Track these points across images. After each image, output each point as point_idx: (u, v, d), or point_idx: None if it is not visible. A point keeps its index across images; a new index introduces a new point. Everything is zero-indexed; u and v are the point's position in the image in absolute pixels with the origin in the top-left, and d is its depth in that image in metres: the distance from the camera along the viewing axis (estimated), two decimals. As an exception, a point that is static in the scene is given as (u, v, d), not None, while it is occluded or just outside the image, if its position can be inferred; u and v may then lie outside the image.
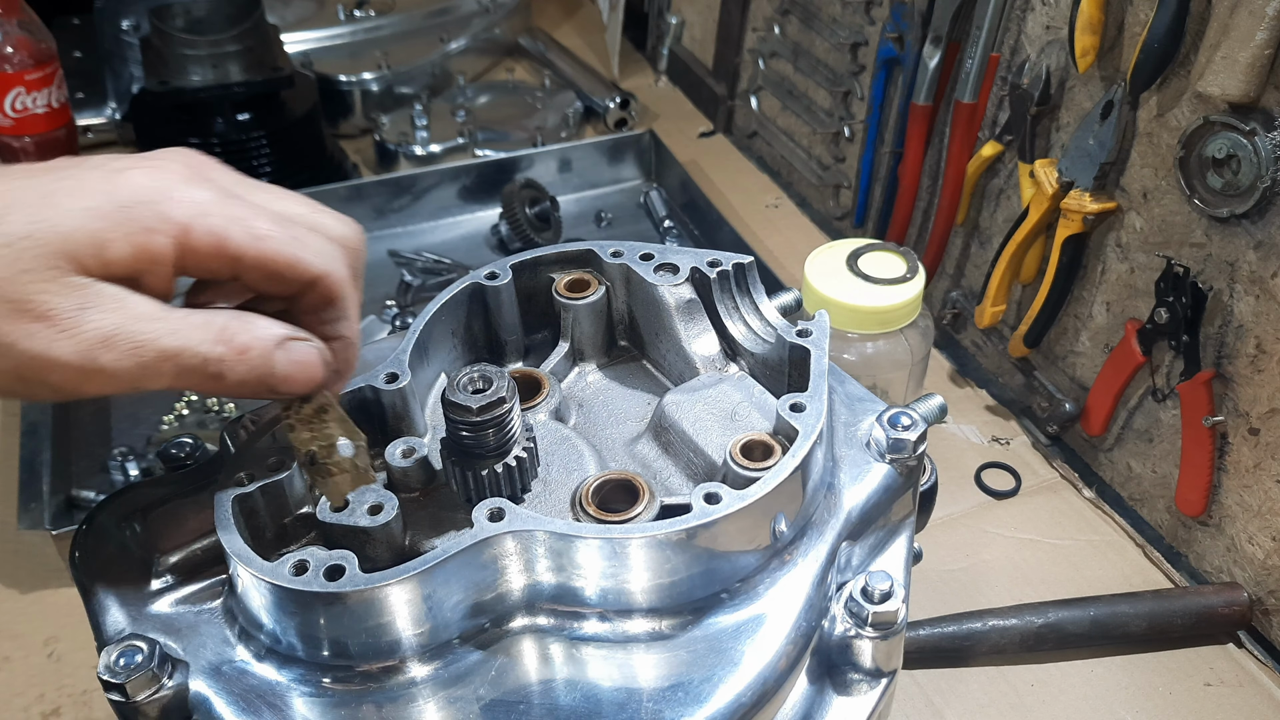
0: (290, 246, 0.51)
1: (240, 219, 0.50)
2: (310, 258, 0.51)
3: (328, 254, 0.53)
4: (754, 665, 0.54)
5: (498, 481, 0.57)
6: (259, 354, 0.50)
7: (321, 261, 0.52)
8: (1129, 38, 0.95)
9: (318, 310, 0.54)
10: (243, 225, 0.50)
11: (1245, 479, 0.92)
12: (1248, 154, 0.85)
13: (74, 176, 0.48)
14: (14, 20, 1.31)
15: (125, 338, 0.47)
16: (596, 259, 0.69)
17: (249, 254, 0.50)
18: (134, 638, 0.52)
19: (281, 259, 0.51)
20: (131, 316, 0.47)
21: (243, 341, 0.49)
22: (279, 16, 1.61)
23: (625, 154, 1.58)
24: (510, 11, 1.83)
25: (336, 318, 0.54)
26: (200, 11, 1.44)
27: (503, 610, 0.55)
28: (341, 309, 0.54)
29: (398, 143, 1.55)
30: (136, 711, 0.52)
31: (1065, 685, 0.90)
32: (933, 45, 1.17)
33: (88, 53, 1.63)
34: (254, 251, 0.50)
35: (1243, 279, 0.89)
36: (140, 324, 0.47)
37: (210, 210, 0.49)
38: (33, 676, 0.91)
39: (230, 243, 0.49)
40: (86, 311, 0.46)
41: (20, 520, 0.97)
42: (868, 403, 0.67)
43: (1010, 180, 1.13)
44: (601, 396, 0.69)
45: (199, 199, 0.49)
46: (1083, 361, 1.09)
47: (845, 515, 0.61)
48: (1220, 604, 0.92)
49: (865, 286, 0.97)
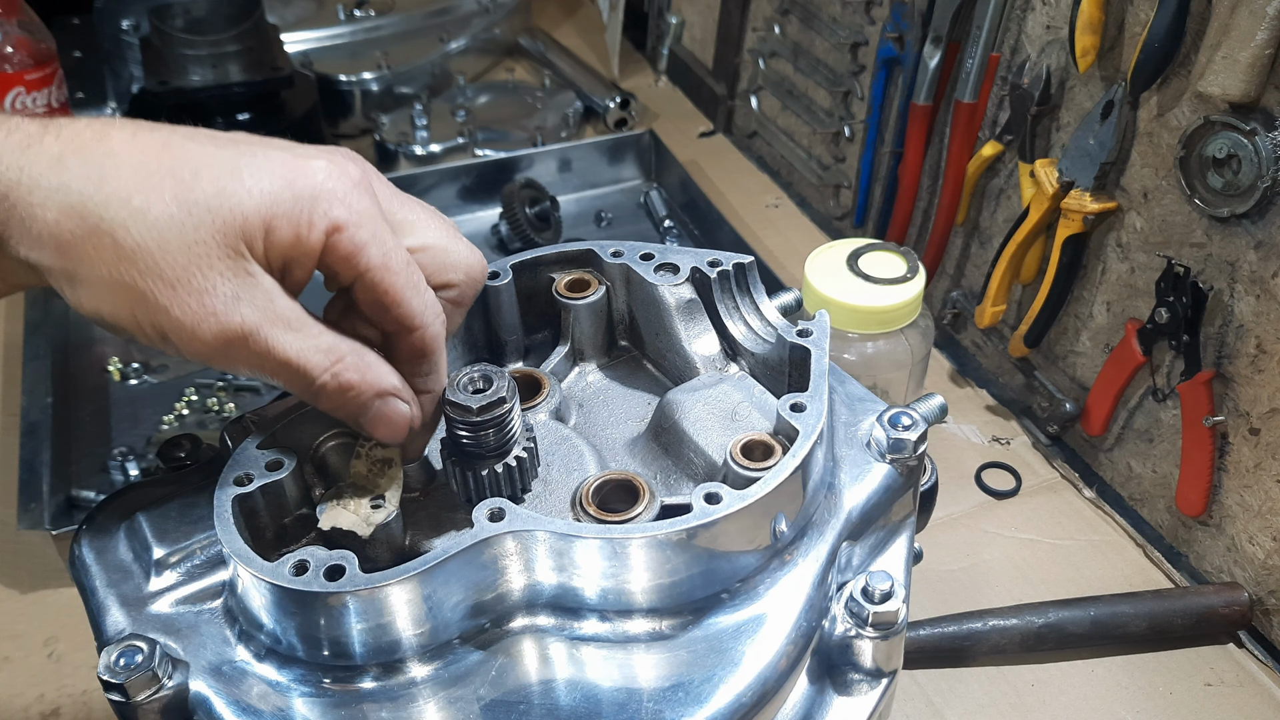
0: (406, 290, 0.52)
1: (382, 242, 0.52)
2: (417, 307, 0.53)
3: (434, 311, 0.54)
4: (754, 665, 0.54)
5: (498, 481, 0.57)
6: (357, 397, 0.52)
7: (424, 315, 0.54)
8: (1129, 37, 0.95)
9: (410, 359, 0.55)
10: (381, 249, 0.51)
11: (1246, 479, 0.92)
12: (1248, 154, 0.85)
13: (262, 154, 0.50)
14: (14, 20, 1.31)
15: (261, 339, 0.49)
16: (596, 259, 0.69)
17: (371, 276, 0.51)
18: (134, 638, 0.52)
19: (393, 295, 0.52)
20: (273, 318, 0.49)
21: (350, 380, 0.52)
22: (279, 16, 1.61)
23: (625, 154, 1.58)
24: (510, 11, 1.83)
25: (428, 371, 0.56)
26: (200, 11, 1.44)
27: (503, 610, 0.55)
28: (432, 364, 0.55)
29: (398, 143, 1.55)
30: (136, 711, 0.52)
31: (1065, 685, 0.90)
32: (933, 45, 1.17)
33: (88, 53, 1.63)
34: (376, 276, 0.52)
35: (1243, 279, 0.89)
36: (277, 330, 0.50)
37: (365, 222, 0.51)
38: (33, 676, 0.91)
39: (362, 259, 0.51)
40: (239, 302, 0.49)
41: (20, 520, 0.97)
42: (868, 403, 0.67)
43: (1010, 180, 1.13)
44: (602, 396, 0.69)
45: (361, 207, 0.51)
46: (1083, 361, 1.09)
47: (846, 515, 0.61)
48: (1220, 604, 0.92)
49: (865, 286, 0.97)
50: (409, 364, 0.55)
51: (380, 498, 0.54)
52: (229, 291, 0.48)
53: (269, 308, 0.50)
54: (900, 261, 0.99)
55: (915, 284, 0.97)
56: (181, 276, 0.47)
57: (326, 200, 0.50)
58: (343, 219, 0.50)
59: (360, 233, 0.51)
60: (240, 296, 0.49)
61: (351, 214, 0.51)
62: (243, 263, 0.49)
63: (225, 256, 0.48)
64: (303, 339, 0.50)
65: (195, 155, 0.49)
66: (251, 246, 0.49)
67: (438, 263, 0.56)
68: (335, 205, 0.50)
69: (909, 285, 0.97)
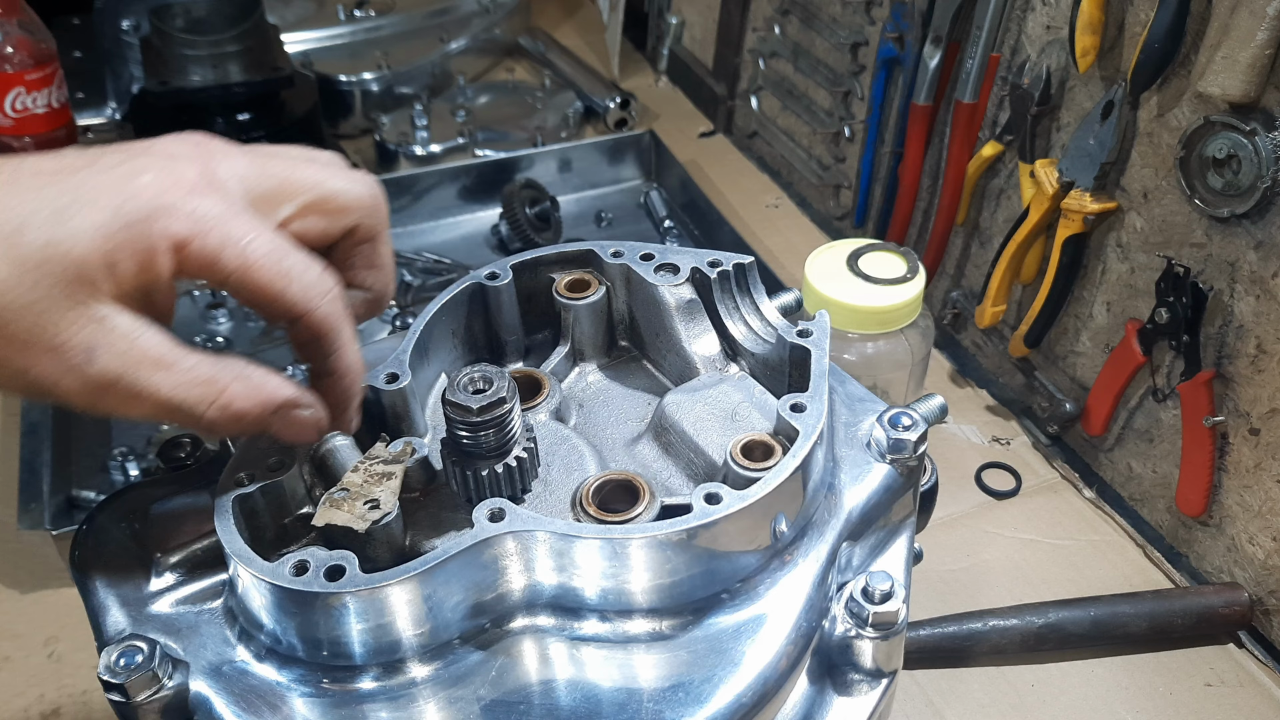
0: (277, 283, 0.50)
1: (237, 240, 0.49)
2: (295, 295, 0.50)
3: (315, 290, 0.51)
4: (754, 665, 0.54)
5: (498, 481, 0.57)
6: (253, 420, 0.51)
7: (306, 299, 0.51)
8: (1129, 38, 0.95)
9: (306, 344, 0.53)
10: (238, 250, 0.49)
11: (1246, 479, 0.92)
12: (1248, 154, 0.85)
13: (87, 182, 0.47)
14: (14, 20, 1.31)
15: (127, 385, 0.47)
16: (597, 259, 0.69)
17: (234, 279, 0.49)
18: (134, 638, 0.52)
19: (266, 292, 0.50)
20: (137, 362, 0.47)
21: (239, 408, 0.50)
22: (279, 16, 1.61)
23: (625, 154, 1.58)
24: (510, 11, 1.83)
25: (325, 353, 0.53)
26: (200, 11, 1.44)
27: (503, 610, 0.55)
28: (329, 344, 0.53)
29: (398, 143, 1.55)
30: (136, 711, 0.52)
31: (1066, 685, 0.90)
32: (933, 45, 1.17)
33: (88, 53, 1.62)
34: (239, 279, 0.49)
35: (1243, 279, 0.89)
36: (143, 372, 0.47)
37: (210, 227, 0.48)
38: (33, 676, 0.91)
39: (221, 266, 0.48)
40: (95, 353, 0.46)
41: (20, 520, 0.97)
42: (868, 403, 0.67)
43: (1010, 180, 1.13)
44: (602, 396, 0.69)
45: (202, 211, 0.48)
46: (1083, 361, 1.09)
47: (846, 515, 0.61)
48: (1221, 604, 0.92)
49: (865, 286, 0.97)
50: (307, 349, 0.53)
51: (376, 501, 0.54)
52: (83, 344, 0.46)
53: (130, 351, 0.47)
54: (900, 262, 0.99)
55: (915, 284, 0.97)
56: (30, 338, 0.45)
57: (163, 216, 0.47)
58: (184, 232, 0.47)
59: (209, 240, 0.48)
60: (96, 346, 0.46)
61: (194, 223, 0.47)
62: (92, 309, 0.46)
63: (71, 308, 0.45)
64: (176, 376, 0.48)
65: (17, 205, 0.46)
66: (97, 289, 0.46)
67: (326, 214, 0.54)
68: (173, 219, 0.47)
69: (909, 285, 0.97)
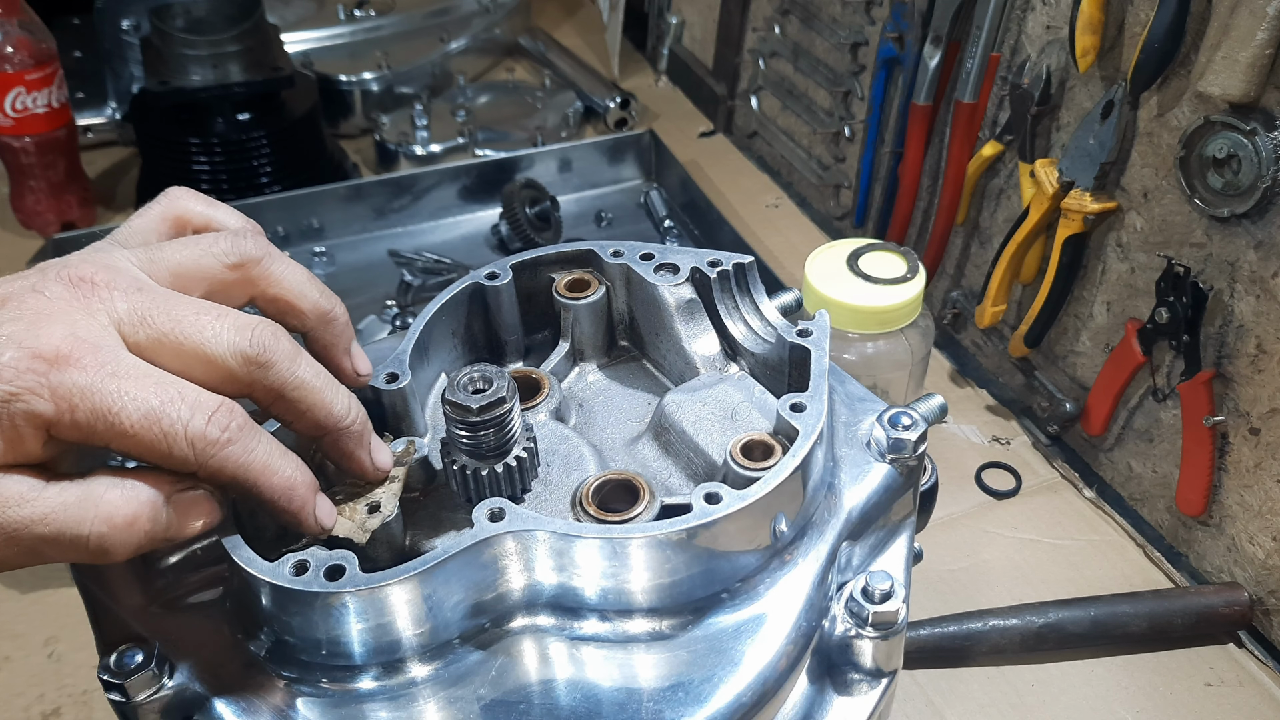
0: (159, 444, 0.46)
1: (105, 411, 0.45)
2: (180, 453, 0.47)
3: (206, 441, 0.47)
4: (754, 665, 0.54)
5: (498, 481, 0.57)
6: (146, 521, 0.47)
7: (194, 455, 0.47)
8: (1129, 37, 0.95)
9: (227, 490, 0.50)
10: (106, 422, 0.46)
11: (1246, 479, 0.92)
12: (1248, 154, 0.85)
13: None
14: (14, 20, 1.31)
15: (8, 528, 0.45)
16: (597, 259, 0.69)
17: (116, 447, 0.47)
18: (134, 638, 0.52)
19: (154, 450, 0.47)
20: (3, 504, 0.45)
21: (125, 514, 0.47)
22: (279, 16, 1.61)
23: (625, 154, 1.58)
24: (510, 11, 1.83)
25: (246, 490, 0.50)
26: (200, 11, 1.44)
27: (503, 610, 0.55)
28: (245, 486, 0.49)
29: (398, 143, 1.55)
30: (136, 712, 0.52)
31: (1065, 685, 0.90)
32: (933, 45, 1.17)
33: (88, 53, 1.62)
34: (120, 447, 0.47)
35: (1243, 279, 0.89)
36: (9, 511, 0.45)
37: (77, 403, 0.45)
38: (33, 676, 0.91)
39: (97, 437, 0.46)
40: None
41: (20, 520, 0.97)
42: (868, 403, 0.67)
43: (1010, 180, 1.13)
44: (602, 396, 0.69)
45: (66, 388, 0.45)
46: (1083, 361, 1.09)
47: (846, 515, 0.61)
48: (1221, 604, 0.92)
49: (865, 286, 0.97)
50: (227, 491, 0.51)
51: (377, 505, 0.54)
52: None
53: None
54: (900, 261, 0.99)
55: (915, 284, 0.97)
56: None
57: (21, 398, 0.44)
58: (47, 413, 0.45)
59: (78, 416, 0.45)
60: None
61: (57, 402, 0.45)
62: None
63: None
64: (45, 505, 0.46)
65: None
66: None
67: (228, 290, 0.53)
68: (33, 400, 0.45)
69: (909, 285, 0.97)
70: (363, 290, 1.35)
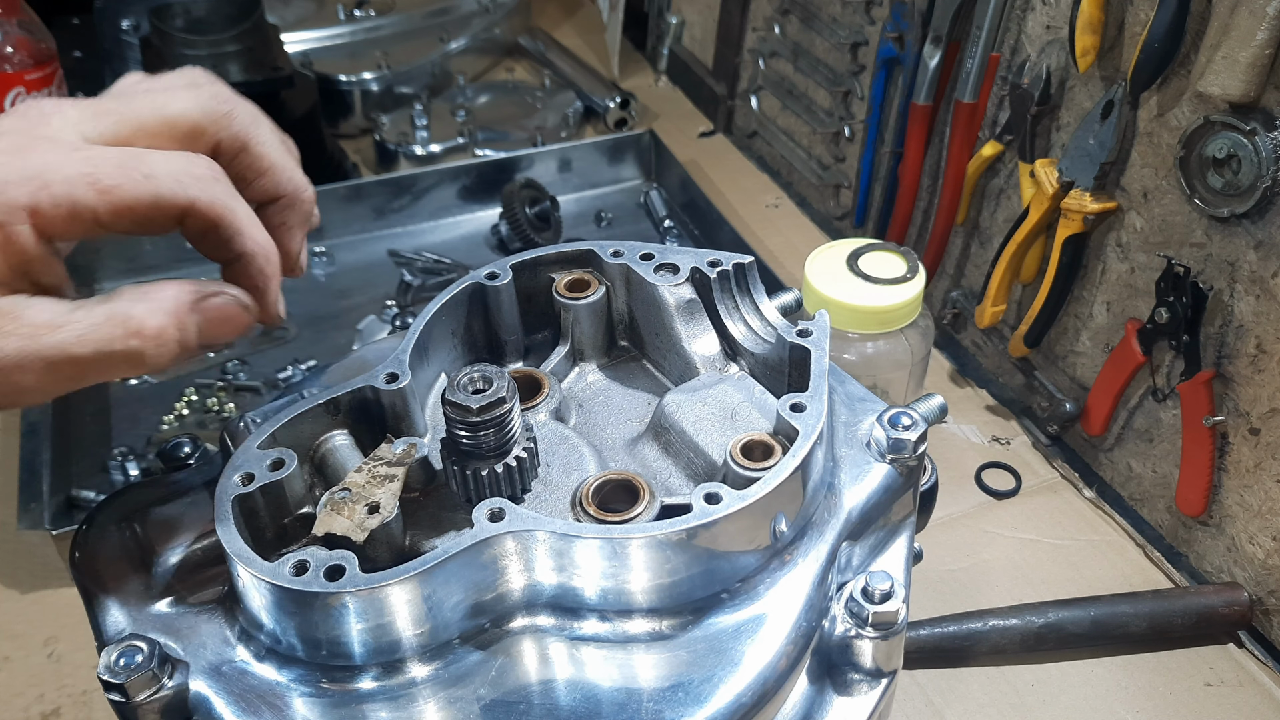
0: (142, 187, 0.48)
1: (85, 175, 0.47)
2: (166, 192, 0.48)
3: (185, 178, 0.49)
4: (754, 665, 0.54)
5: (498, 481, 0.57)
6: (174, 329, 0.49)
7: (176, 192, 0.49)
8: (1129, 37, 0.95)
9: (203, 240, 0.51)
10: (88, 182, 0.47)
11: (1246, 479, 0.92)
12: (1248, 154, 0.85)
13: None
14: (14, 20, 1.31)
15: (34, 357, 0.46)
16: (596, 259, 0.69)
17: (102, 210, 0.47)
18: (134, 638, 0.52)
19: (138, 208, 0.48)
20: (31, 332, 0.46)
21: (154, 325, 0.48)
22: (279, 16, 1.61)
23: (625, 154, 1.58)
24: (510, 11, 1.83)
25: (227, 238, 0.51)
26: (200, 11, 1.44)
27: (503, 610, 0.55)
28: (228, 229, 0.51)
29: (398, 143, 1.55)
30: (136, 712, 0.52)
31: (1065, 685, 0.90)
32: (933, 45, 1.17)
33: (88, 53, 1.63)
34: (106, 206, 0.47)
35: (1243, 279, 0.89)
36: (43, 338, 0.46)
37: (52, 178, 0.46)
38: (33, 676, 0.91)
39: (80, 205, 0.47)
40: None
41: (20, 520, 0.97)
42: (868, 403, 0.67)
43: (1010, 180, 1.13)
44: (601, 396, 0.69)
45: (37, 167, 0.47)
46: (1083, 361, 1.09)
47: (845, 515, 0.61)
48: (1220, 604, 0.92)
49: (865, 286, 0.97)
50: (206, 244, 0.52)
51: (376, 505, 0.54)
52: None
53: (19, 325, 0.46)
54: (900, 261, 0.99)
55: (915, 284, 0.97)
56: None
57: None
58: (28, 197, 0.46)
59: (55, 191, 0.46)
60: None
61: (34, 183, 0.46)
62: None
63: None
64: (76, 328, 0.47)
65: None
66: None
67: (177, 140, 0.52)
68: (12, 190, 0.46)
69: (909, 285, 0.97)
70: (363, 290, 1.35)
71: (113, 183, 0.48)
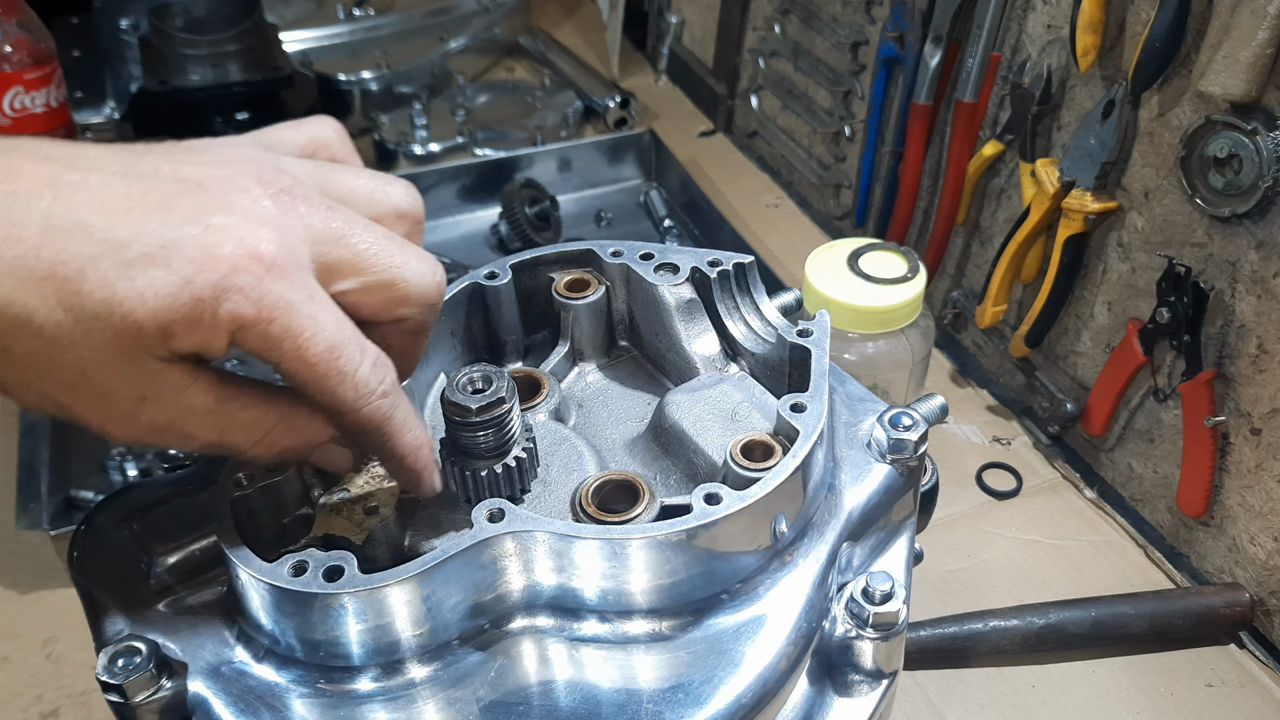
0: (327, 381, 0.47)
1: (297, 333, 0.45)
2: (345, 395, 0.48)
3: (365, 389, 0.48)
4: (754, 666, 0.53)
5: (497, 482, 0.57)
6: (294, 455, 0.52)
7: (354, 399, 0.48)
8: (1130, 37, 0.95)
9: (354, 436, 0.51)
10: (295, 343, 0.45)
11: (1247, 479, 0.92)
12: (1249, 153, 0.84)
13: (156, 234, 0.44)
14: (13, 20, 1.31)
15: (176, 431, 0.48)
16: (596, 259, 0.69)
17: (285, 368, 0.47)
18: (133, 639, 0.52)
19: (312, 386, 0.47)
20: (185, 411, 0.47)
21: (283, 445, 0.51)
22: (278, 16, 1.61)
23: (625, 154, 1.58)
24: (510, 11, 1.83)
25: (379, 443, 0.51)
26: (200, 11, 1.44)
27: (502, 611, 0.55)
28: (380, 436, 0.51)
29: (397, 142, 1.55)
30: (135, 712, 0.52)
31: (1066, 686, 0.89)
32: (933, 44, 1.17)
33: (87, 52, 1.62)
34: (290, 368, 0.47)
35: (1244, 279, 0.89)
36: (192, 419, 0.47)
37: (275, 316, 0.45)
38: (32, 677, 0.91)
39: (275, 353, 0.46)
40: (145, 403, 0.46)
41: (19, 520, 0.97)
42: (868, 403, 0.67)
43: (1011, 180, 1.13)
44: (601, 396, 0.69)
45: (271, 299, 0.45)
46: (1084, 361, 1.09)
47: (846, 516, 0.61)
48: (1221, 605, 0.92)
49: (866, 286, 0.97)
50: (358, 440, 0.51)
51: (375, 506, 0.54)
52: (131, 395, 0.45)
53: (179, 403, 0.46)
54: (900, 261, 0.99)
55: (916, 284, 0.97)
56: (78, 382, 0.44)
57: (232, 297, 0.44)
58: (249, 316, 0.44)
59: (271, 329, 0.45)
60: (146, 397, 0.45)
61: (260, 310, 0.44)
62: (144, 364, 0.45)
63: (122, 361, 0.44)
64: (222, 420, 0.48)
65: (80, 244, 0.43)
66: (150, 349, 0.44)
67: (387, 299, 0.50)
68: (241, 301, 0.44)
69: (909, 285, 0.97)
70: (362, 290, 1.35)
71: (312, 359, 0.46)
